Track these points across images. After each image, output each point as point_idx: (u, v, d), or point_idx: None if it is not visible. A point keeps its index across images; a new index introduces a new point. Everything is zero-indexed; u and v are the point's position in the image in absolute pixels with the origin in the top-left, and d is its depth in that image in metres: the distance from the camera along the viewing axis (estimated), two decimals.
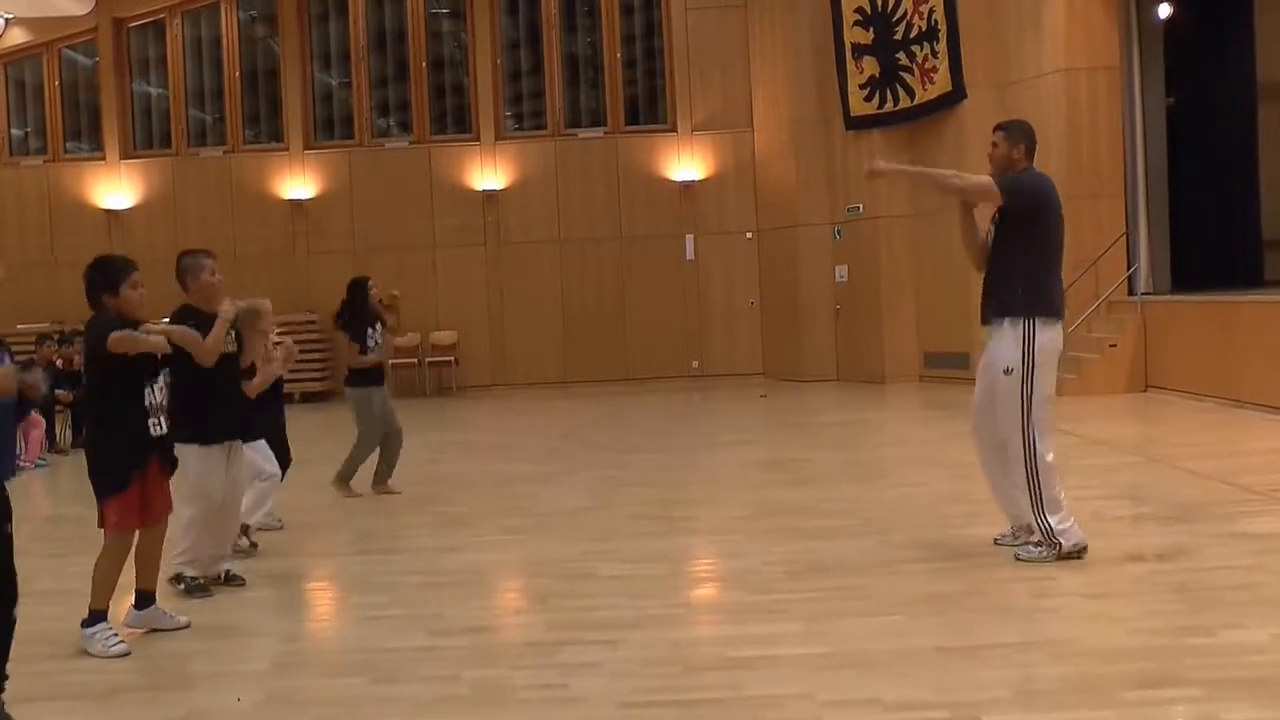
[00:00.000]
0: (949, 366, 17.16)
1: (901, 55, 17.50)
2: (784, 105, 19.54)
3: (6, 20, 20.37)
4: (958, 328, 16.76)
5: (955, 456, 10.76)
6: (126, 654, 5.44)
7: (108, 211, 20.60)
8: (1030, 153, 6.61)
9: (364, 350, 9.60)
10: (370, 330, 9.65)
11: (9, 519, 4.69)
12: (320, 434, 12.06)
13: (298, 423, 9.63)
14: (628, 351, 20.42)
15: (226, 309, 6.19)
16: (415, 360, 19.83)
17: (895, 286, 18.23)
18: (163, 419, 5.79)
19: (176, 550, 6.57)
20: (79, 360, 13.96)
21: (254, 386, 7.30)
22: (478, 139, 20.70)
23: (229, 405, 6.54)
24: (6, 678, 4.66)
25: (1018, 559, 6.44)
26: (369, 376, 9.69)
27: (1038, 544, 6.44)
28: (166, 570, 6.38)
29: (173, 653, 5.57)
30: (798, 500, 8.88)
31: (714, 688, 4.73)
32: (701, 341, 20.55)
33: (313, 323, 18.70)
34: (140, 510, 5.68)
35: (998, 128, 6.73)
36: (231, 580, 6.74)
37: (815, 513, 8.29)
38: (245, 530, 7.49)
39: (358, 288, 9.79)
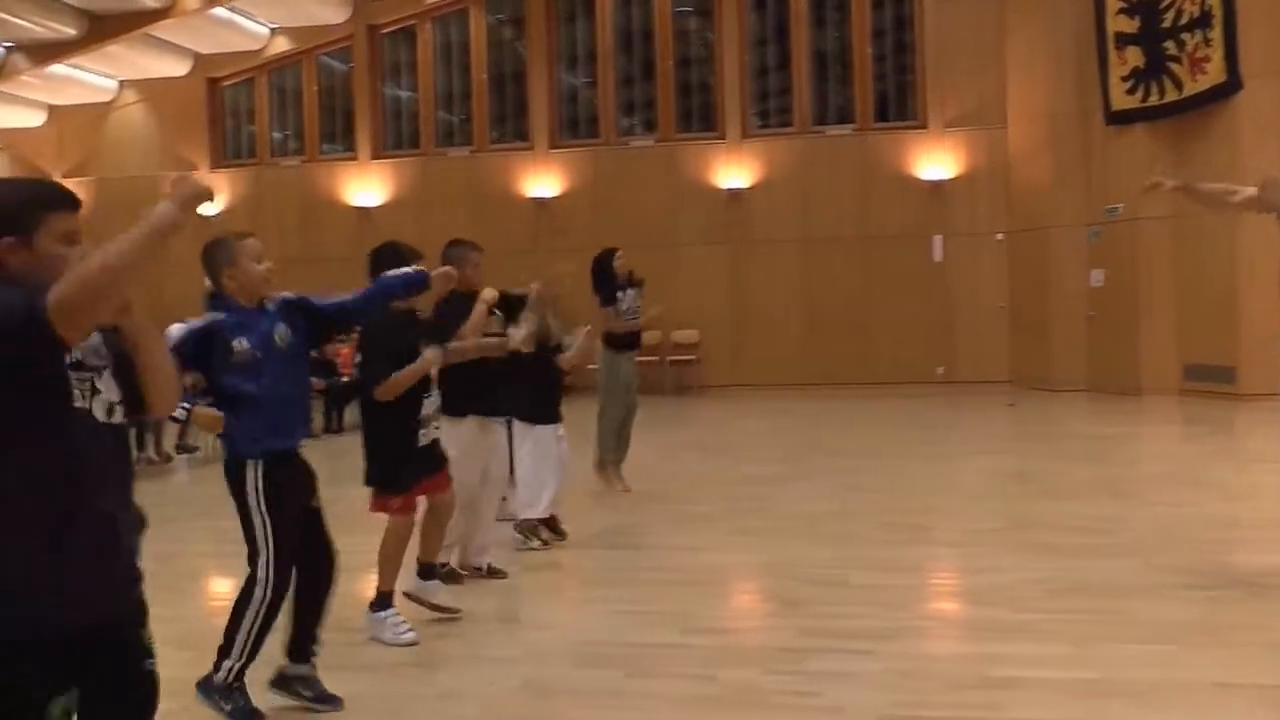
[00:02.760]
0: (1212, 380, 16.14)
1: (1170, 44, 16.54)
2: (1040, 99, 18.79)
3: (271, 31, 21.61)
4: (1223, 339, 15.79)
5: (1224, 477, 10.17)
6: (415, 643, 5.49)
7: (358, 209, 21.57)
8: None
9: (616, 314, 9.67)
10: (620, 294, 9.75)
11: (314, 492, 4.69)
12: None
13: None
14: (871, 354, 19.91)
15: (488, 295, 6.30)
16: (657, 358, 19.96)
17: (1154, 293, 17.25)
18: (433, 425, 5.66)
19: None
20: (329, 349, 14.69)
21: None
22: (723, 137, 20.66)
23: (475, 380, 6.42)
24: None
25: None
26: (619, 341, 9.76)
27: None
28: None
29: (426, 634, 5.69)
30: (1050, 514, 8.50)
31: (974, 706, 4.55)
32: (947, 346, 19.90)
33: None
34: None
35: None
36: (494, 574, 6.88)
37: (1070, 529, 7.92)
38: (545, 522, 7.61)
39: (600, 259, 9.86)
